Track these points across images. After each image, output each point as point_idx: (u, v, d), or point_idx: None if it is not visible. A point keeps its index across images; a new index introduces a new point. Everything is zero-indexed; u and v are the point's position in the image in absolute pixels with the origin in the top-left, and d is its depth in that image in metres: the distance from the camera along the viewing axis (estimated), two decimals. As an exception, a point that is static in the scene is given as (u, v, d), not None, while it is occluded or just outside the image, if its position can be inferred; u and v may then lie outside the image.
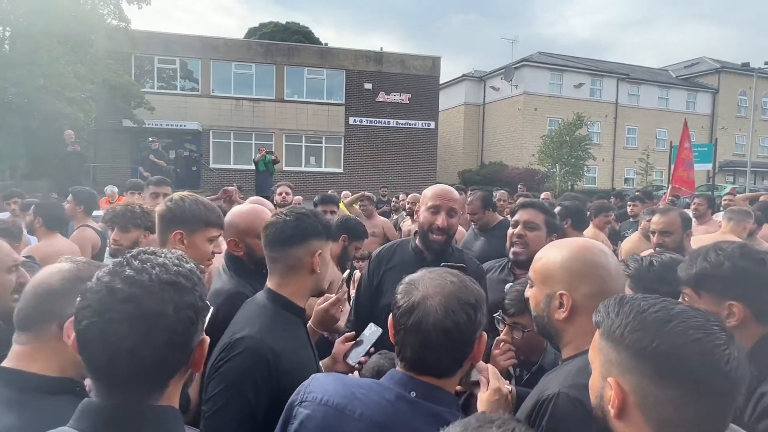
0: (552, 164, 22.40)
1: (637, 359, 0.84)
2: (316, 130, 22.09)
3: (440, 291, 1.08)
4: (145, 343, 0.81)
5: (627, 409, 0.86)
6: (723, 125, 31.30)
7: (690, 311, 0.87)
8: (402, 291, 1.13)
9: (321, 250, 1.54)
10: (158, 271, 0.85)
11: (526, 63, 27.56)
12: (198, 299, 0.88)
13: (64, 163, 11.51)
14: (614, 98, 29.11)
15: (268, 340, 1.40)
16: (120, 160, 18.58)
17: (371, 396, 1.07)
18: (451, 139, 30.52)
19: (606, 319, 0.92)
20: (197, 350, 0.90)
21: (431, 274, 1.14)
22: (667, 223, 2.90)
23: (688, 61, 35.06)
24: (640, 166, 24.91)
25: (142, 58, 20.13)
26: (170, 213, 1.85)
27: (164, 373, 0.86)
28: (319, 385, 1.14)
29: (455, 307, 1.06)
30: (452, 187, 2.47)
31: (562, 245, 1.32)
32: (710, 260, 1.42)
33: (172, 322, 0.83)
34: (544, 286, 1.27)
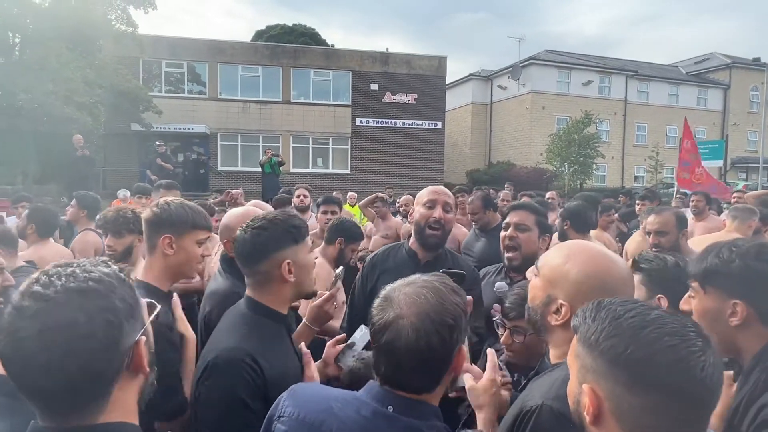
0: (560, 163, 22.24)
1: (612, 366, 0.83)
2: (323, 131, 22.14)
3: (414, 311, 1.03)
4: (62, 355, 0.78)
5: (602, 416, 0.85)
6: (735, 121, 30.88)
7: (666, 317, 0.86)
8: (378, 306, 1.09)
9: (290, 259, 1.49)
10: (64, 281, 0.82)
11: (533, 61, 27.40)
12: (118, 300, 0.84)
13: (73, 168, 11.65)
14: (623, 95, 28.84)
15: (247, 347, 1.38)
16: (129, 164, 18.78)
17: (348, 412, 1.05)
18: (459, 138, 30.44)
19: (583, 324, 0.91)
20: (134, 352, 0.86)
21: (408, 287, 1.09)
22: (662, 223, 2.88)
23: (698, 57, 34.63)
24: (649, 164, 24.63)
25: (150, 62, 20.31)
26: (157, 218, 1.83)
27: (96, 383, 0.82)
28: (297, 399, 1.12)
29: (429, 329, 1.02)
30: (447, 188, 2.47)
31: (584, 257, 1.25)
32: (722, 257, 1.37)
33: (86, 330, 0.79)
34: (548, 284, 1.25)
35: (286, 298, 1.55)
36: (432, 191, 2.30)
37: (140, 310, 0.91)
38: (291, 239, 1.52)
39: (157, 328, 1.69)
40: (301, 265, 1.53)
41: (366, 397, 1.08)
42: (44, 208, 3.73)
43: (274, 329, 1.52)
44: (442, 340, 1.03)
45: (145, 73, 20.37)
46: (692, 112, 28.04)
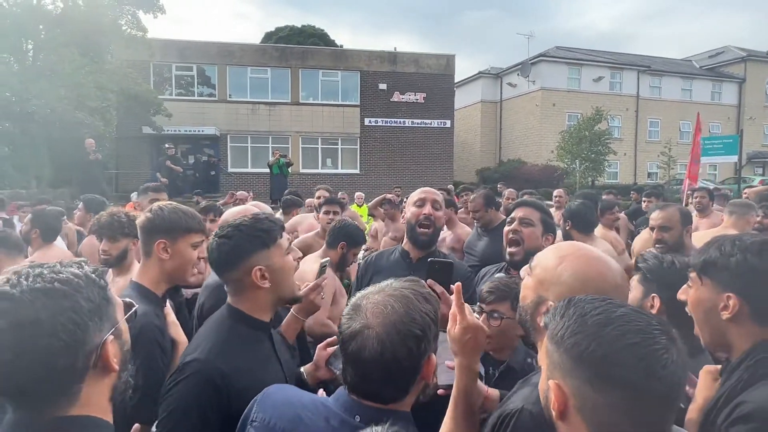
0: (571, 160, 22.02)
1: (576, 363, 0.84)
2: (332, 131, 22.18)
3: (381, 321, 1.02)
4: (24, 353, 0.80)
5: (567, 412, 0.86)
6: (750, 115, 30.30)
7: (632, 314, 0.86)
8: (346, 314, 1.08)
9: (260, 265, 1.45)
10: (30, 282, 0.85)
11: (543, 58, 27.16)
12: (83, 300, 0.86)
13: (86, 172, 11.81)
14: (635, 91, 28.46)
15: (217, 362, 1.34)
16: (141, 167, 18.99)
17: (317, 421, 1.05)
18: (469, 137, 30.30)
19: (552, 321, 0.92)
20: (102, 351, 0.88)
21: (377, 296, 1.07)
22: (666, 218, 2.85)
23: (712, 51, 34.03)
24: (662, 160, 24.27)
25: (160, 65, 20.54)
26: (151, 223, 1.84)
27: (62, 380, 0.85)
28: (269, 404, 1.12)
29: (395, 340, 1.00)
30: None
31: (579, 260, 1.22)
32: (723, 249, 1.35)
33: (49, 328, 0.82)
34: (539, 285, 1.23)
35: (266, 304, 1.51)
36: (421, 191, 2.43)
37: (111, 310, 0.92)
38: (260, 244, 1.47)
39: (148, 332, 1.71)
40: (276, 269, 1.48)
41: (335, 405, 1.07)
42: (47, 212, 3.77)
43: (253, 337, 1.48)
44: (409, 351, 1.01)
45: (156, 76, 20.59)
46: (706, 106, 27.59)
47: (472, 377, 1.23)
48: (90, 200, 4.28)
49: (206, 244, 2.02)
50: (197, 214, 1.99)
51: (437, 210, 2.33)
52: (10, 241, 2.88)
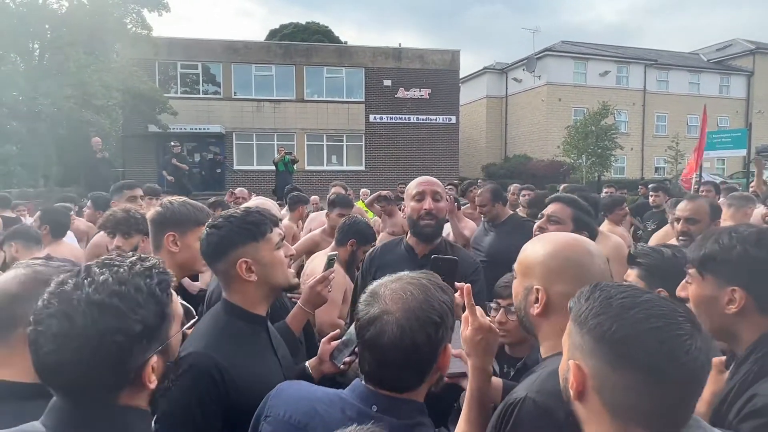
0: (578, 155, 21.88)
1: (597, 343, 0.85)
2: (337, 128, 22.17)
3: (401, 306, 1.02)
4: (67, 361, 0.81)
5: (586, 393, 0.87)
6: (759, 109, 29.95)
7: (657, 300, 0.87)
8: (363, 301, 1.08)
9: (247, 258, 1.45)
10: (91, 290, 0.85)
11: (549, 53, 26.99)
12: (136, 322, 0.85)
13: (93, 170, 11.88)
14: (642, 85, 28.23)
15: (212, 355, 1.34)
16: (147, 165, 19.07)
17: (333, 413, 1.05)
18: (474, 133, 30.20)
19: (576, 304, 0.93)
20: (144, 371, 0.88)
21: (395, 284, 1.08)
22: (694, 210, 2.74)
23: (720, 44, 33.68)
24: (670, 155, 24.08)
25: (166, 63, 20.60)
26: (161, 216, 1.90)
27: (100, 391, 0.86)
28: (284, 399, 1.12)
29: (414, 326, 1.01)
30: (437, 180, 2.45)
31: (547, 239, 1.29)
32: (722, 243, 1.34)
33: (93, 346, 0.82)
34: (524, 278, 1.25)
35: (257, 297, 1.50)
36: (419, 183, 2.28)
37: (164, 328, 0.92)
38: (248, 237, 1.47)
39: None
40: (265, 263, 1.48)
41: (350, 396, 1.07)
42: (55, 209, 3.80)
43: (248, 331, 1.47)
44: (428, 338, 1.02)
45: (161, 74, 20.64)
46: (714, 100, 27.35)
47: (485, 378, 1.24)
48: (98, 197, 4.31)
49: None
50: (206, 208, 2.04)
51: (438, 201, 2.24)
52: (29, 233, 2.95)
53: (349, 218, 3.22)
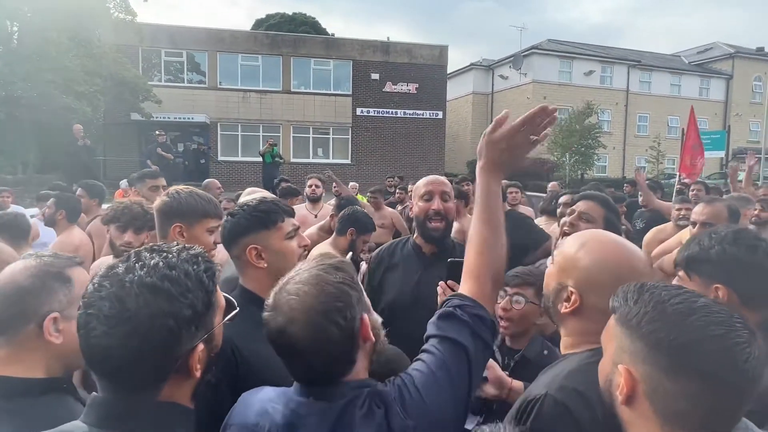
0: (562, 153, 22.17)
1: (653, 350, 0.83)
2: (324, 121, 22.04)
3: (301, 308, 1.01)
4: (118, 345, 0.80)
5: (635, 397, 0.86)
6: (737, 112, 30.73)
7: (713, 306, 0.85)
8: (268, 311, 1.07)
9: (257, 244, 1.50)
10: (143, 273, 0.84)
11: (535, 51, 27.20)
12: (186, 307, 0.85)
13: (74, 158, 11.60)
14: (625, 85, 28.67)
15: (230, 334, 1.35)
16: (129, 154, 18.70)
17: (278, 408, 1.08)
18: (460, 128, 30.33)
19: (623, 306, 0.91)
20: (191, 358, 0.87)
21: (289, 286, 1.06)
22: (712, 214, 2.63)
23: (701, 47, 34.39)
24: (651, 154, 24.56)
25: (149, 51, 20.18)
26: (167, 207, 1.86)
27: (147, 378, 0.85)
28: (243, 405, 1.15)
29: (321, 323, 1.00)
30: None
31: (599, 246, 1.22)
32: (702, 244, 1.43)
33: (144, 329, 0.81)
34: (561, 272, 1.22)
35: (268, 284, 1.50)
36: (428, 182, 2.25)
37: (210, 316, 0.91)
38: (259, 225, 1.52)
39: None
40: (275, 251, 1.52)
41: (293, 392, 1.10)
42: (70, 195, 3.84)
43: (261, 315, 1.51)
44: (339, 327, 1.01)
45: (145, 62, 20.23)
46: (694, 102, 27.81)
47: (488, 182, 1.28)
48: (92, 186, 4.24)
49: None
50: (214, 199, 1.99)
51: (447, 202, 2.20)
52: (18, 227, 2.85)
53: (348, 208, 3.24)
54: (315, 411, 1.04)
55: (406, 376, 1.09)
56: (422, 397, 1.05)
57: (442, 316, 1.16)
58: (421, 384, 1.07)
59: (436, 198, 2.18)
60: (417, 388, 1.06)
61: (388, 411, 1.03)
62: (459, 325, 1.13)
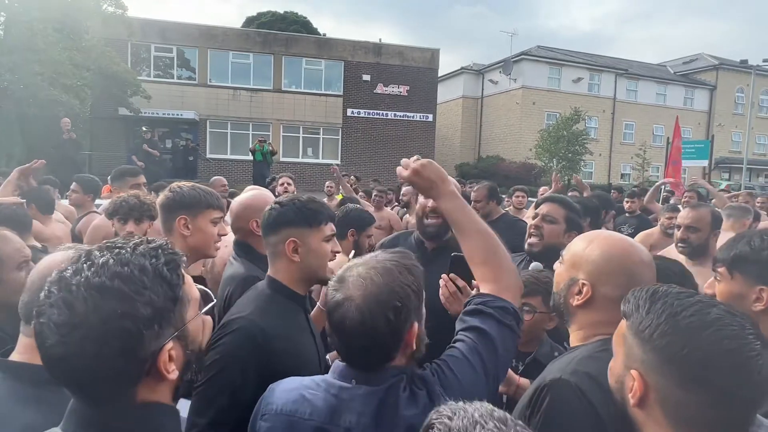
0: (549, 158, 22.42)
1: (665, 363, 0.85)
2: (314, 121, 22.00)
3: (361, 293, 1.06)
4: (74, 354, 0.74)
5: (647, 402, 0.88)
6: (720, 122, 31.38)
7: (726, 317, 0.85)
8: (332, 285, 1.12)
9: (296, 238, 1.53)
10: (91, 274, 0.77)
11: (525, 57, 27.48)
12: (142, 305, 0.77)
13: (59, 151, 11.43)
14: (612, 93, 29.10)
15: (259, 321, 1.42)
16: (116, 149, 18.45)
17: (317, 394, 1.11)
18: (449, 132, 30.47)
19: (635, 314, 0.92)
20: (159, 359, 0.80)
21: (360, 267, 1.11)
22: (696, 218, 2.72)
23: (686, 57, 35.06)
24: (636, 162, 24.97)
25: (139, 45, 19.94)
26: (171, 200, 1.90)
27: (113, 385, 0.78)
28: (275, 394, 1.17)
29: (374, 311, 1.05)
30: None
31: (606, 240, 1.30)
32: (753, 245, 1.42)
33: (98, 334, 0.74)
34: (571, 268, 1.29)
35: (298, 278, 1.57)
36: None
37: (178, 311, 0.83)
38: (303, 221, 1.55)
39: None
40: (310, 249, 1.55)
41: (332, 376, 1.14)
42: (35, 188, 3.77)
43: (290, 307, 1.55)
44: (388, 321, 1.05)
45: (134, 56, 19.97)
46: (679, 111, 28.37)
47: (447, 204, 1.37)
48: (87, 181, 4.18)
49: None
50: (215, 192, 2.04)
51: None
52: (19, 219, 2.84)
53: (343, 209, 3.22)
54: (359, 395, 1.08)
55: (441, 361, 1.15)
56: (458, 378, 1.11)
57: (468, 312, 1.23)
58: (455, 367, 1.13)
59: None
60: (452, 370, 1.12)
61: (430, 392, 1.08)
62: (485, 317, 1.20)
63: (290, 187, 5.25)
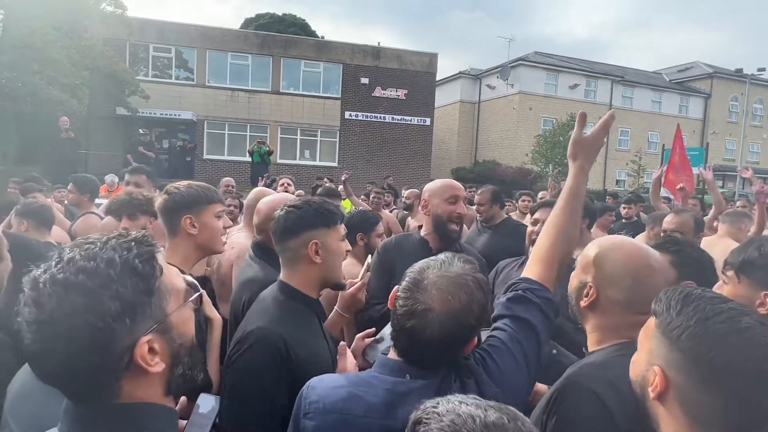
0: (545, 164, 22.53)
1: (690, 364, 0.87)
2: (312, 123, 22.00)
3: (446, 309, 1.08)
4: (46, 350, 0.74)
5: (666, 398, 0.90)
6: (714, 130, 31.63)
7: (757, 327, 0.87)
8: (406, 289, 1.14)
9: (318, 240, 1.53)
10: (56, 270, 0.76)
11: (522, 62, 27.63)
12: (110, 299, 0.75)
13: (57, 150, 11.38)
14: (608, 100, 29.29)
15: (278, 329, 1.42)
16: (113, 148, 18.36)
17: (371, 391, 1.11)
18: (446, 136, 30.56)
19: (665, 314, 0.94)
20: (136, 353, 0.78)
21: (443, 279, 1.12)
22: (680, 223, 2.90)
23: (681, 65, 35.36)
24: (632, 168, 25.14)
25: (137, 45, 19.88)
26: (171, 202, 1.86)
27: (91, 381, 0.77)
28: (319, 392, 1.14)
29: (456, 328, 1.09)
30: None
31: (615, 245, 1.34)
32: (763, 250, 1.46)
33: (64, 330, 0.73)
34: (582, 271, 1.33)
35: (315, 281, 1.58)
36: (452, 186, 2.43)
37: (154, 303, 0.81)
38: (322, 222, 1.56)
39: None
40: (330, 250, 1.56)
41: (383, 372, 1.15)
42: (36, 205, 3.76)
43: (305, 313, 1.55)
44: (464, 338, 1.13)
45: (132, 56, 19.90)
46: (674, 119, 28.64)
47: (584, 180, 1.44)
48: (83, 181, 4.15)
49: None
50: (212, 186, 2.01)
51: (465, 207, 2.44)
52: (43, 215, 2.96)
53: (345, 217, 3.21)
54: (415, 388, 1.10)
55: (483, 351, 1.19)
56: (500, 367, 1.16)
57: (514, 299, 1.27)
58: (497, 356, 1.17)
59: (461, 203, 2.38)
60: (495, 360, 1.16)
61: (478, 381, 1.12)
62: (530, 306, 1.24)
63: (290, 188, 5.27)
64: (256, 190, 3.07)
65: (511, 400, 1.09)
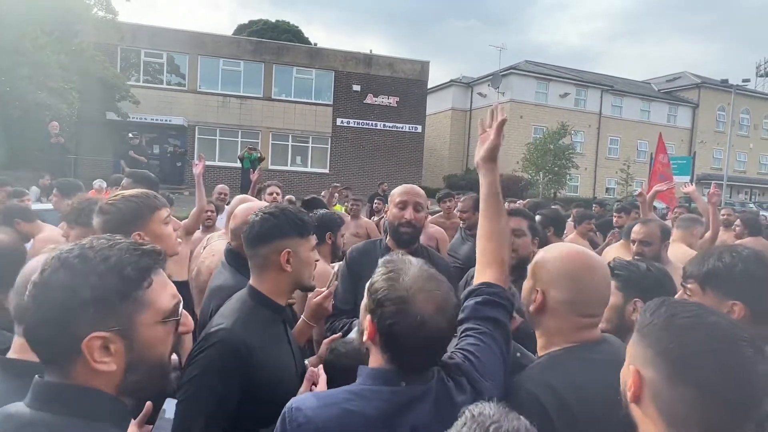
0: (536, 172, 22.70)
1: (656, 357, 0.90)
2: (303, 129, 22.04)
3: (435, 308, 1.09)
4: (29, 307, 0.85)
5: (643, 399, 0.92)
6: (701, 139, 32.08)
7: (723, 323, 0.90)
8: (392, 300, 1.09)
9: (290, 249, 1.53)
10: (66, 250, 0.88)
11: (513, 71, 27.89)
12: (88, 286, 0.83)
13: (46, 155, 11.30)
14: (598, 109, 29.64)
15: (241, 333, 1.42)
16: (103, 154, 18.24)
17: (367, 404, 1.08)
18: (438, 143, 30.70)
19: (642, 316, 0.99)
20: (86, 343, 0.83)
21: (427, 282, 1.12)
22: (647, 233, 2.97)
23: (670, 75, 35.89)
24: (621, 177, 25.41)
25: (128, 50, 19.87)
26: (114, 222, 1.64)
27: (48, 347, 0.86)
28: (307, 413, 1.06)
29: (448, 324, 1.12)
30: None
31: (557, 250, 1.39)
32: (724, 261, 1.50)
33: (43, 296, 0.85)
34: (530, 278, 1.38)
35: (284, 288, 1.58)
36: (404, 192, 2.40)
37: (125, 309, 0.86)
38: (296, 231, 1.56)
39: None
40: (301, 259, 1.57)
41: (375, 383, 1.11)
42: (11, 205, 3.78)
43: (271, 319, 1.55)
44: (450, 336, 1.16)
45: (123, 61, 19.89)
46: (662, 128, 28.97)
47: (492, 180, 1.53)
48: (65, 185, 4.13)
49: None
50: (150, 191, 1.82)
51: (419, 212, 2.37)
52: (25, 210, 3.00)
53: (315, 216, 3.19)
54: (415, 395, 1.10)
55: (465, 351, 1.24)
56: (483, 362, 1.21)
57: (484, 303, 1.33)
58: (479, 352, 1.23)
59: (409, 208, 2.34)
60: (479, 357, 1.22)
61: (469, 378, 1.17)
62: (497, 306, 1.33)
63: (278, 197, 5.27)
64: (240, 197, 3.07)
65: (498, 392, 1.15)
